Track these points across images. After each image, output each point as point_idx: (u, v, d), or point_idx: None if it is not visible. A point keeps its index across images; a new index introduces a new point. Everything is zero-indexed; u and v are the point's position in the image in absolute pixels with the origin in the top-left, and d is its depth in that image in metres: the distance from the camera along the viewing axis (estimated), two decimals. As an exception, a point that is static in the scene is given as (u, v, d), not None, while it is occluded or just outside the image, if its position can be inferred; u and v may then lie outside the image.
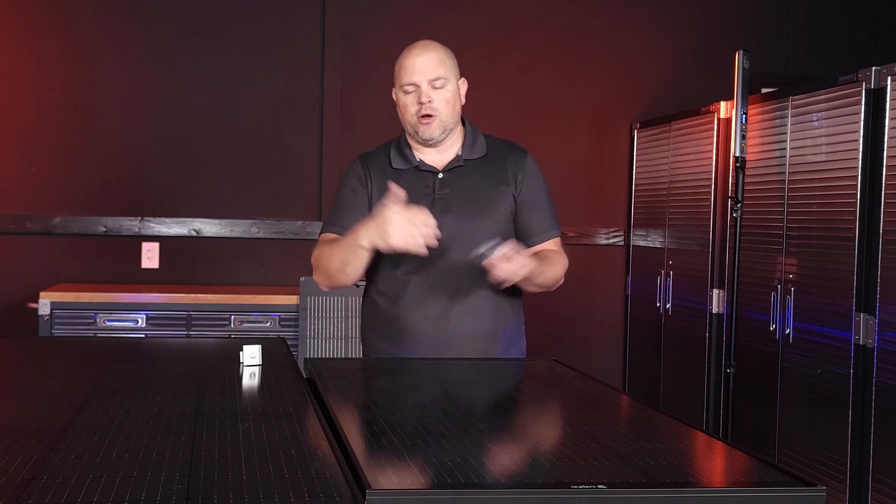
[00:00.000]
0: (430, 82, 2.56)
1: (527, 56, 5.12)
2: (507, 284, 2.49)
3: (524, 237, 2.65)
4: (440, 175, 2.62)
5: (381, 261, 2.63)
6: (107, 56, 4.80)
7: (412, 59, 2.58)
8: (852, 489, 3.27)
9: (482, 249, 2.43)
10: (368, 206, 2.60)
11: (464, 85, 2.66)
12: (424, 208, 2.36)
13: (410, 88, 2.58)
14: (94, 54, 4.79)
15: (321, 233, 2.67)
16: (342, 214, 2.62)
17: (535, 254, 2.59)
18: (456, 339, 2.59)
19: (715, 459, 1.66)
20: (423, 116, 2.56)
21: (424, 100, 2.55)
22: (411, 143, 2.65)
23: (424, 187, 2.61)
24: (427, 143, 2.62)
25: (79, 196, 4.79)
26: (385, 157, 2.67)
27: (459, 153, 2.64)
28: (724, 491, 1.42)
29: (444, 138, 2.62)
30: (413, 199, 2.55)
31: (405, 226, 2.30)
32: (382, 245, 2.35)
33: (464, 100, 2.67)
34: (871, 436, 3.19)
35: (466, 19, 5.03)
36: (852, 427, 3.28)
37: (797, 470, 3.26)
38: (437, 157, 2.65)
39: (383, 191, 2.56)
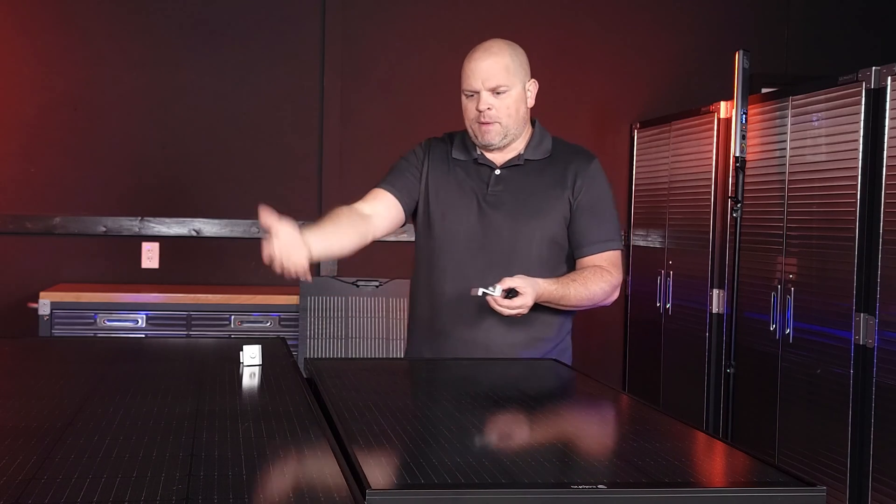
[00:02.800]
0: (491, 90, 2.47)
1: (527, 56, 5.11)
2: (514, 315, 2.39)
3: (575, 247, 2.56)
4: (497, 171, 2.55)
5: (420, 260, 2.61)
6: (107, 56, 4.79)
7: (473, 63, 2.49)
8: (852, 489, 3.27)
9: (483, 290, 2.32)
10: (419, 178, 2.58)
11: (533, 86, 2.57)
12: (303, 249, 2.21)
13: (470, 93, 2.50)
14: (94, 54, 4.79)
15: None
16: (393, 175, 2.60)
17: (581, 270, 2.52)
18: (497, 347, 2.49)
19: (715, 459, 1.66)
20: (483, 123, 2.49)
21: (483, 107, 2.47)
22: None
23: (479, 181, 2.54)
24: (487, 149, 2.56)
25: (79, 196, 4.79)
26: (448, 144, 2.62)
27: (521, 152, 2.57)
28: (724, 491, 1.42)
29: (507, 144, 2.55)
30: (465, 192, 2.52)
31: (280, 254, 2.19)
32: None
33: (532, 101, 2.57)
34: (871, 436, 3.19)
35: (466, 19, 5.02)
36: (852, 427, 3.28)
37: (797, 470, 3.26)
38: (499, 154, 2.57)
39: (438, 176, 2.57)
